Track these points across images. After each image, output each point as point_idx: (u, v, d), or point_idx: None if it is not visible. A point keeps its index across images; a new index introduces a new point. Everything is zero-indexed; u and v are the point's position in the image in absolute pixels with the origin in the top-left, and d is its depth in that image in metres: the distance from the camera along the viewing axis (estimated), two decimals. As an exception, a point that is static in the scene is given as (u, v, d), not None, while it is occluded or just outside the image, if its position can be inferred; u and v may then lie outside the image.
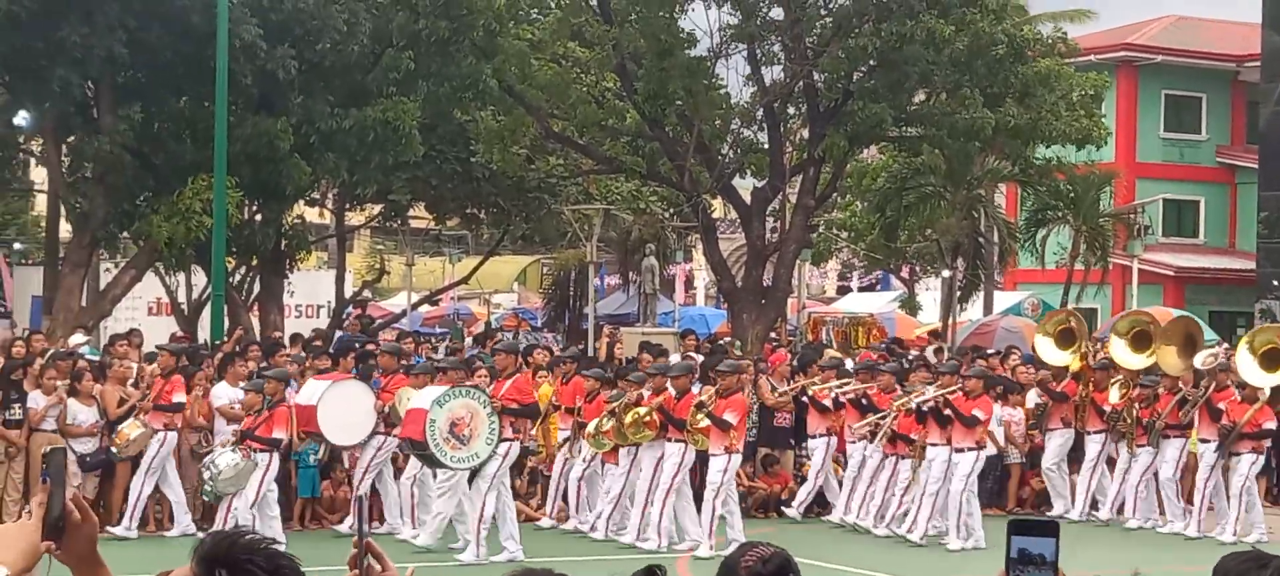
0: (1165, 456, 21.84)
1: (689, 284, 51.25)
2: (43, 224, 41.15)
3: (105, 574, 3.64)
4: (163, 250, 28.19)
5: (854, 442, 21.53)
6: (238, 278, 32.90)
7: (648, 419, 19.62)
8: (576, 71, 33.50)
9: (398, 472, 20.33)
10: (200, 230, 26.94)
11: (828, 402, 21.93)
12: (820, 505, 22.42)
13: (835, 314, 37.74)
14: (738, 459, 19.76)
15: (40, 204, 44.63)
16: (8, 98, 29.58)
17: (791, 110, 34.11)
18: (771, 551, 4.48)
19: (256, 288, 33.10)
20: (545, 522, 21.10)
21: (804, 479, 22.59)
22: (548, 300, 45.37)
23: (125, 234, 30.76)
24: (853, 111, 31.23)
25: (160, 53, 27.45)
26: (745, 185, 36.57)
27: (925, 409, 20.13)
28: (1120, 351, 22.96)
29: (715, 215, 40.93)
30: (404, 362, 21.46)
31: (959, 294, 37.42)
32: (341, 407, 19.48)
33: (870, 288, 51.57)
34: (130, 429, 19.40)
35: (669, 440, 19.52)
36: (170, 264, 30.37)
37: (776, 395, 22.82)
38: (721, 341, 28.81)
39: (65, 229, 33.73)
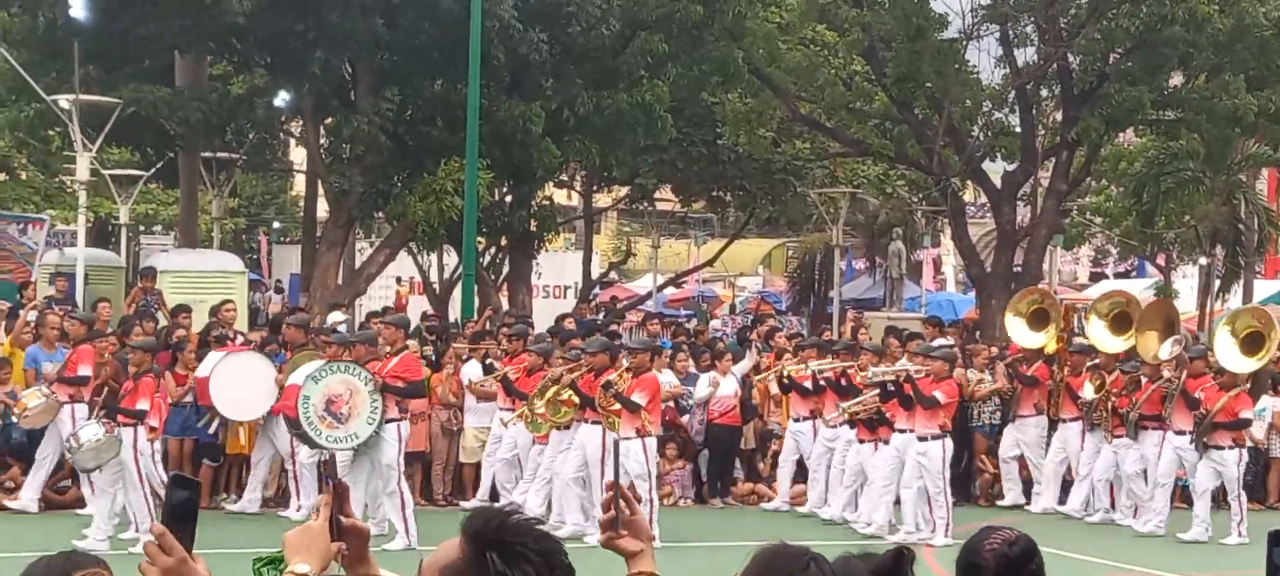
0: (1142, 450, 20.27)
1: (937, 268, 50.58)
2: (301, 203, 42.27)
3: (374, 571, 3.68)
4: (416, 230, 28.75)
5: (833, 427, 20.17)
6: (488, 258, 33.39)
7: (564, 398, 18.66)
8: (825, 54, 33.25)
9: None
10: (452, 210, 27.39)
11: (808, 384, 20.65)
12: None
13: (1086, 300, 36.91)
14: (652, 442, 18.19)
15: (299, 184, 45.86)
16: (268, 80, 30.42)
17: (1044, 92, 33.41)
18: (1016, 535, 4.36)
19: (506, 268, 33.56)
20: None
21: None
22: (793, 283, 45.18)
23: (380, 214, 31.42)
24: (1108, 94, 30.47)
25: (416, 36, 27.94)
26: (995, 169, 35.92)
27: (889, 387, 18.87)
28: (1099, 333, 21.71)
29: (964, 199, 40.33)
30: (311, 338, 20.00)
31: (1218, 282, 36.29)
32: (236, 380, 18.83)
33: (1125, 274, 50.35)
34: (31, 398, 18.39)
35: (585, 421, 18.31)
36: (423, 243, 30.95)
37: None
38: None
39: (322, 208, 34.57)
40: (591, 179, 39.83)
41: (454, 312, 30.10)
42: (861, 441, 19.48)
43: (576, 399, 18.28)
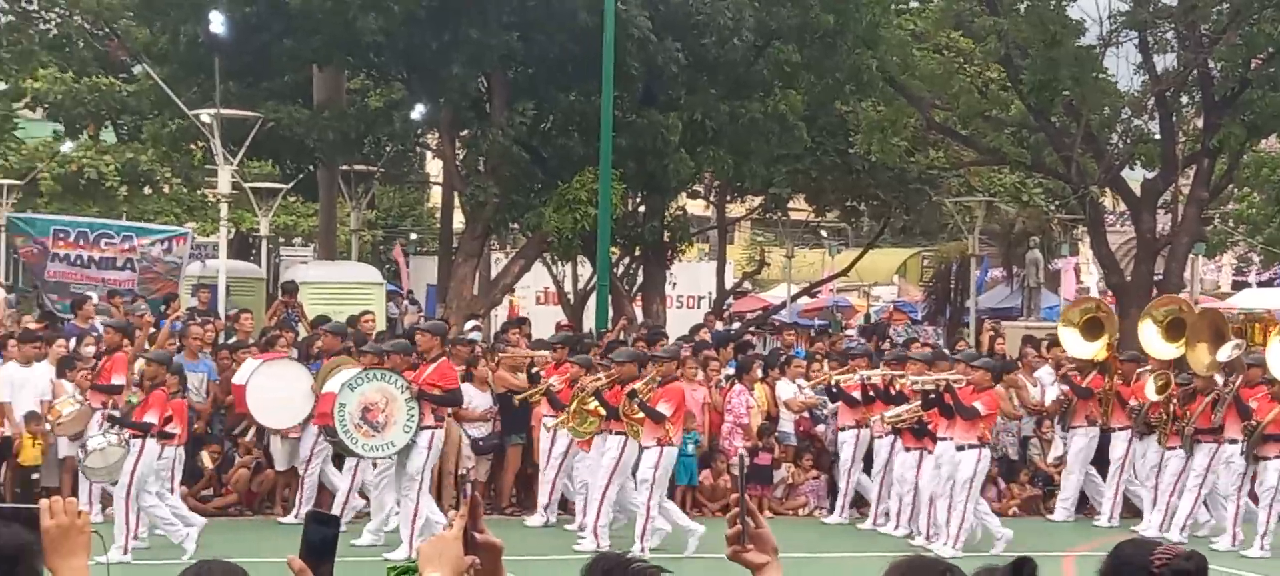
0: (1194, 463, 19.56)
1: (1077, 277, 49.97)
2: (437, 215, 42.66)
3: None
4: (551, 241, 28.92)
5: (881, 437, 19.91)
6: (621, 268, 33.50)
7: (590, 408, 18.44)
8: (960, 61, 33.00)
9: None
10: (586, 221, 27.52)
11: (857, 394, 20.36)
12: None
13: (1230, 310, 36.28)
14: (673, 452, 17.91)
15: (435, 195, 46.31)
16: (406, 93, 30.77)
17: (1184, 99, 32.88)
18: (1188, 551, 4.29)
19: (640, 278, 33.66)
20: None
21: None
22: (928, 293, 44.84)
23: (515, 225, 31.65)
24: (1250, 100, 29.97)
25: (551, 49, 28.13)
26: (1135, 176, 35.39)
27: (930, 396, 18.58)
28: (1152, 339, 21.11)
29: (1103, 207, 39.81)
30: (347, 343, 19.71)
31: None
32: (274, 388, 18.74)
33: (1269, 283, 49.42)
34: (64, 405, 18.12)
35: (611, 432, 18.06)
36: (558, 254, 31.13)
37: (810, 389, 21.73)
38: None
39: (458, 220, 34.89)
40: (725, 189, 39.80)
41: (588, 323, 30.24)
42: (908, 449, 19.25)
43: (602, 409, 18.15)
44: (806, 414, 21.76)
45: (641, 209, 31.71)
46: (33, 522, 3.77)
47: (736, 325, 31.95)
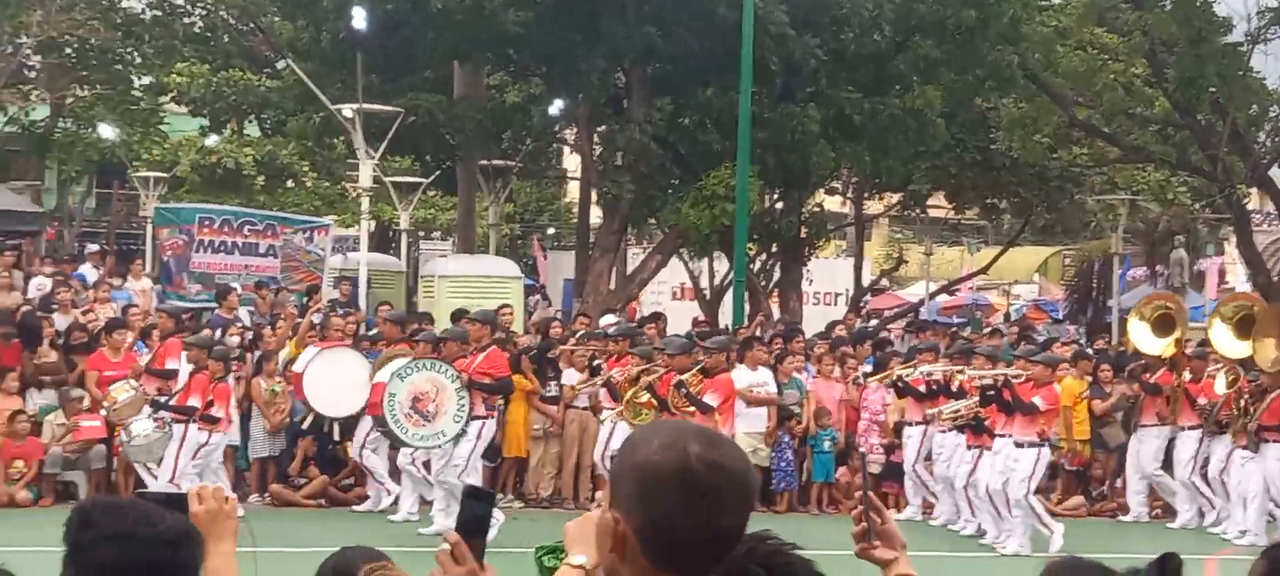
0: (1263, 463, 18.96)
1: (1222, 277, 49.06)
2: (574, 209, 42.84)
3: None
4: (688, 236, 28.93)
5: (943, 432, 19.40)
6: (758, 264, 33.42)
7: (643, 400, 18.30)
8: (1103, 58, 32.52)
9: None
10: (723, 216, 27.49)
11: (923, 388, 19.93)
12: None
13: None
14: None
15: (572, 190, 46.50)
16: (544, 88, 30.93)
17: (1335, 97, 32.20)
18: None
19: (776, 274, 33.56)
20: None
21: None
22: (1070, 292, 44.27)
23: (652, 220, 31.68)
24: (1405, 97, 29.32)
25: (689, 44, 28.12)
26: (1283, 176, 34.71)
27: (989, 391, 18.18)
28: (1222, 337, 20.41)
29: (1250, 207, 39.04)
30: (409, 331, 19.57)
31: None
32: (331, 376, 18.66)
33: None
34: (119, 391, 18.02)
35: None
36: (694, 249, 31.13)
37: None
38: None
39: (595, 215, 35.00)
40: (863, 185, 39.58)
41: (724, 319, 30.20)
42: (969, 447, 18.91)
43: (655, 401, 18.03)
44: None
45: (779, 204, 31.62)
46: (182, 509, 3.81)
47: (873, 322, 31.75)
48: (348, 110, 27.42)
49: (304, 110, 33.70)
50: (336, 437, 20.10)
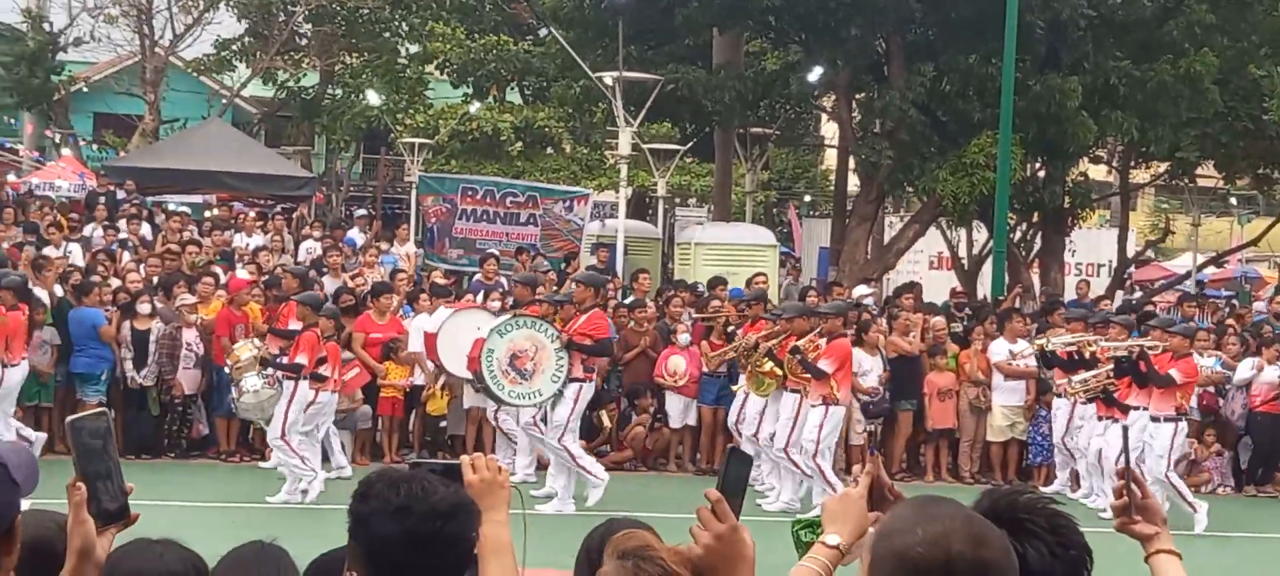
0: None
1: None
2: (831, 177, 42.63)
3: None
4: (946, 205, 28.58)
5: (1083, 403, 18.63)
6: (1018, 234, 32.86)
7: (766, 369, 17.67)
8: (1387, 22, 31.17)
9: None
10: (984, 185, 27.09)
11: (1065, 359, 19.04)
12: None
13: None
14: (840, 411, 17.27)
15: (829, 158, 46.27)
16: (803, 55, 30.80)
17: None
18: None
19: (1037, 244, 32.95)
20: None
21: None
22: (1345, 266, 42.62)
23: (910, 188, 31.36)
24: None
25: (951, 10, 27.73)
26: None
27: (1124, 362, 17.41)
28: None
29: None
30: (538, 294, 19.08)
31: None
32: (460, 336, 18.16)
33: None
34: (243, 350, 17.72)
35: (785, 390, 17.44)
36: (953, 219, 30.73)
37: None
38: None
39: (853, 182, 34.78)
40: (1128, 154, 38.58)
41: (983, 289, 29.77)
42: (1099, 418, 18.25)
43: (777, 369, 17.60)
44: (1212, 388, 20.95)
45: (1041, 173, 31.02)
46: (455, 478, 3.88)
47: (1138, 294, 30.99)
48: (608, 78, 27.67)
49: (565, 77, 34.09)
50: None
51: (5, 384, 16.53)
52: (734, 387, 19.40)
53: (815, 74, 30.84)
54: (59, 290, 19.74)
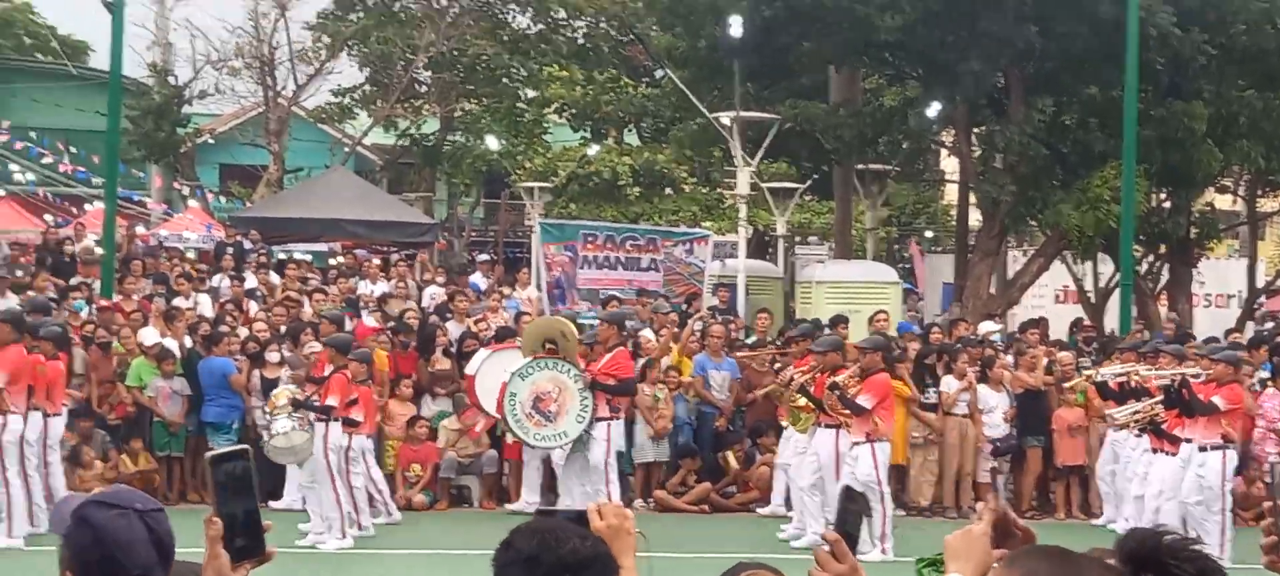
0: None
1: None
2: (953, 212, 42.34)
3: None
4: (1071, 238, 28.28)
5: (1129, 434, 18.28)
6: (1145, 266, 32.45)
7: (802, 404, 17.49)
8: None
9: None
10: (1109, 218, 26.79)
11: (1116, 389, 18.50)
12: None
13: None
14: (885, 447, 16.81)
15: (950, 193, 45.96)
16: (921, 90, 30.65)
17: None
18: None
19: (1164, 276, 32.52)
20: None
21: None
22: None
23: (1033, 222, 31.07)
24: None
25: (1070, 41, 27.48)
26: None
27: (1170, 392, 16.83)
28: None
29: None
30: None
31: None
32: (497, 379, 17.86)
33: None
34: (280, 396, 17.43)
35: (820, 426, 17.14)
36: (1078, 252, 30.41)
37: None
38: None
39: (974, 217, 34.51)
40: (1256, 182, 37.99)
41: (1110, 322, 29.39)
42: (1152, 450, 17.79)
43: (811, 404, 17.39)
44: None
45: (1166, 204, 30.61)
46: (583, 525, 3.88)
47: (1269, 325, 30.44)
48: (725, 118, 27.68)
49: (681, 118, 34.15)
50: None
51: (49, 435, 16.64)
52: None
53: (933, 109, 30.68)
54: (189, 341, 20.05)
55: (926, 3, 26.50)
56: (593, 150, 40.94)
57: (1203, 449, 16.75)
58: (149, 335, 19.96)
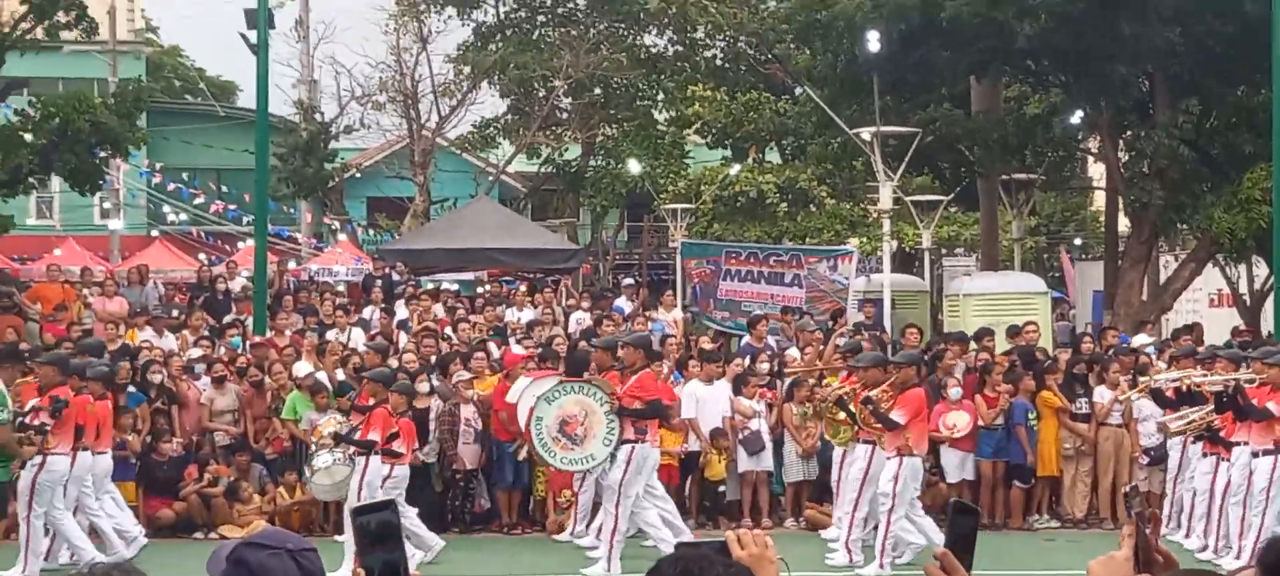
0: None
1: None
2: (1102, 219, 41.79)
3: None
4: (1222, 242, 27.81)
5: (1169, 439, 18.13)
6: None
7: (841, 417, 17.26)
8: None
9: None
10: (1260, 219, 26.32)
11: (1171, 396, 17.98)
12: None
13: None
14: (915, 463, 16.38)
15: (1098, 200, 45.39)
16: (1065, 98, 30.32)
17: None
18: None
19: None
20: None
21: None
22: None
23: (1184, 227, 30.60)
24: None
25: (1214, 43, 27.05)
26: None
27: (1223, 397, 16.43)
28: None
29: None
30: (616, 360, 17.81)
31: None
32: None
33: None
34: (327, 426, 17.50)
35: (857, 440, 17.02)
36: (1230, 255, 29.89)
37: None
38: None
39: (1123, 223, 34.04)
40: None
41: (1267, 325, 28.83)
42: (1205, 455, 17.47)
43: (849, 418, 17.22)
44: None
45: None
46: (724, 553, 3.89)
47: None
48: (866, 133, 27.58)
49: (822, 135, 34.06)
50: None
51: (96, 470, 16.77)
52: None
53: (1078, 116, 30.33)
54: (340, 374, 20.34)
55: (1065, 7, 26.20)
56: (734, 170, 40.97)
57: (1255, 454, 16.54)
58: (302, 367, 20.30)
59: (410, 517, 17.12)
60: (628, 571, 15.89)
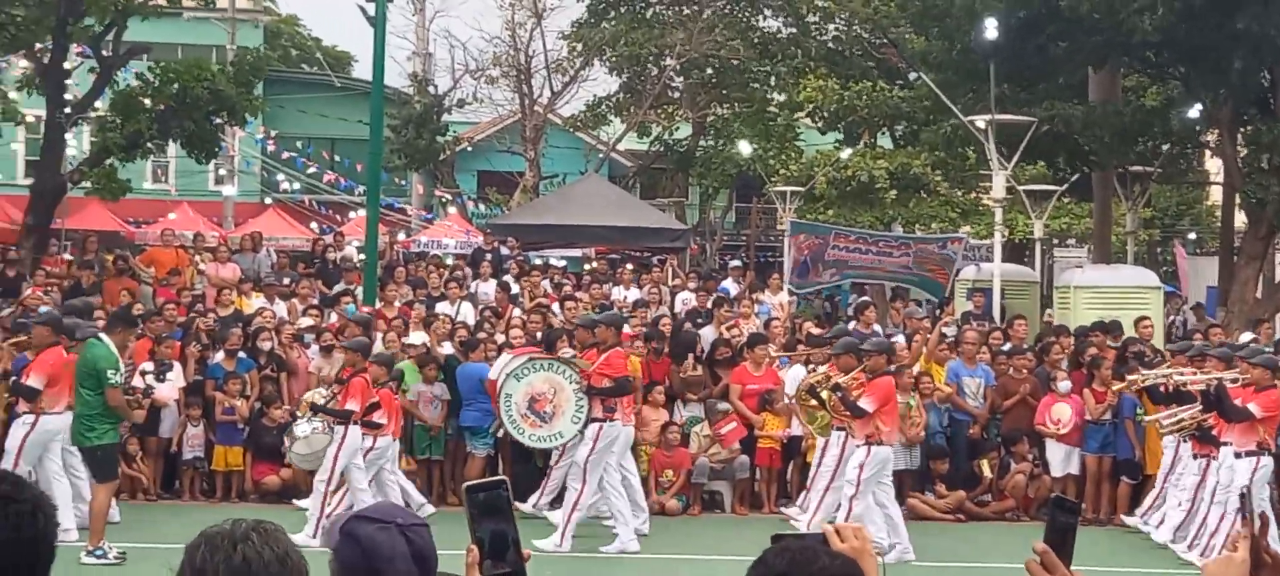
0: None
1: None
2: (1218, 214, 41.23)
3: None
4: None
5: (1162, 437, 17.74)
6: None
7: (814, 403, 17.11)
8: None
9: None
10: (1383, 220, 25.88)
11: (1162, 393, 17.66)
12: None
13: None
14: (884, 452, 15.99)
15: (1214, 194, 44.77)
16: (1183, 90, 29.90)
17: None
18: None
19: None
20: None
21: None
22: None
23: (1303, 224, 30.11)
24: None
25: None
26: None
27: (1208, 396, 16.12)
28: None
29: None
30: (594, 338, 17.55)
31: None
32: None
33: None
34: (314, 398, 17.53)
35: (835, 427, 16.81)
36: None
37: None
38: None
39: (1240, 219, 33.55)
40: None
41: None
42: (1195, 456, 17.07)
43: (819, 403, 17.07)
44: None
45: None
46: (825, 545, 3.88)
47: None
48: (980, 120, 27.35)
49: (935, 121, 33.81)
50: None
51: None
52: None
53: (1196, 109, 29.91)
54: (448, 347, 20.47)
55: (1186, 1, 25.83)
56: (846, 154, 40.80)
57: (1238, 455, 16.30)
58: (417, 337, 20.43)
59: (402, 482, 17.44)
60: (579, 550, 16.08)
